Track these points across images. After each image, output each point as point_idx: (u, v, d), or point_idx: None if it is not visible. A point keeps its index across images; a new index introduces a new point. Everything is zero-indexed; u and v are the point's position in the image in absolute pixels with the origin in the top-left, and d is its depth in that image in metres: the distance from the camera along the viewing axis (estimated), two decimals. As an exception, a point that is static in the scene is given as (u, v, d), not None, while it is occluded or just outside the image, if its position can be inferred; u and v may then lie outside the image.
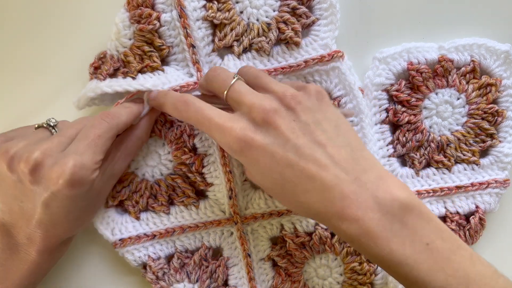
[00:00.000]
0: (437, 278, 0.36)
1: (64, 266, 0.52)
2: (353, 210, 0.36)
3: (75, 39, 0.52)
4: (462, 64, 0.49)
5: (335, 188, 0.37)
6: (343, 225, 0.37)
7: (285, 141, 0.38)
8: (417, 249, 0.37)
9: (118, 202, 0.50)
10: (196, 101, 0.41)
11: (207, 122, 0.40)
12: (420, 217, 0.38)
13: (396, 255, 0.36)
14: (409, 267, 0.36)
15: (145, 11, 0.47)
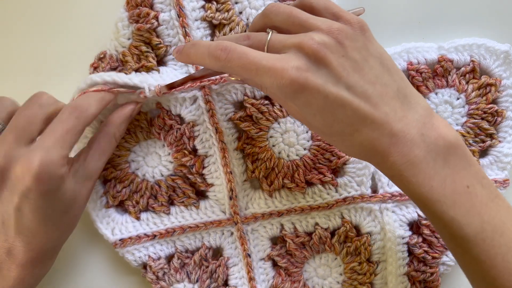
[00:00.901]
0: (472, 222, 0.36)
1: (64, 267, 0.52)
2: (400, 147, 0.36)
3: (76, 39, 0.52)
4: (462, 64, 0.49)
5: (384, 127, 0.36)
6: (387, 162, 0.37)
7: (337, 79, 0.36)
8: (457, 190, 0.37)
9: (119, 202, 0.50)
10: (237, 46, 0.37)
11: (254, 66, 0.36)
12: (463, 158, 0.38)
13: (435, 192, 0.36)
14: (446, 207, 0.36)
15: (143, 10, 0.47)
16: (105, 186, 0.50)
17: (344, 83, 0.36)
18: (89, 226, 0.50)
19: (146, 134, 0.49)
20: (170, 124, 0.49)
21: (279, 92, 0.37)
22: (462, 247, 0.37)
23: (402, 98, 0.38)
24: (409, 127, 0.37)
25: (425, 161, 0.36)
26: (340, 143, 0.39)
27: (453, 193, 0.36)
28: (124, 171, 0.50)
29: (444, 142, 0.37)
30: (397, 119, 0.37)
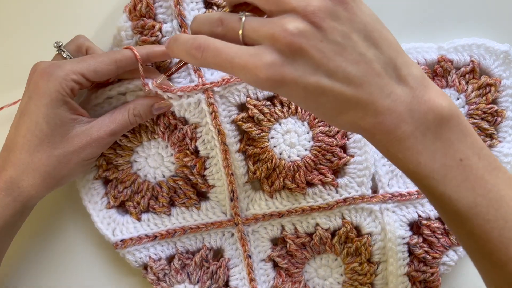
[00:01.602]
0: (464, 197, 0.35)
1: (65, 267, 0.52)
2: (387, 124, 0.35)
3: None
4: (462, 64, 0.49)
5: (369, 107, 0.35)
6: (375, 138, 0.36)
7: (316, 68, 0.34)
8: (448, 163, 0.35)
9: (120, 203, 0.50)
10: (210, 43, 0.36)
11: (229, 64, 0.35)
12: (457, 129, 0.36)
13: (423, 168, 0.35)
14: (435, 182, 0.35)
15: (148, 22, 0.47)
16: (106, 187, 0.50)
17: (324, 70, 0.35)
18: (90, 227, 0.50)
19: (150, 134, 0.49)
20: (175, 123, 0.49)
21: (259, 87, 0.36)
22: (455, 221, 0.36)
23: (391, 71, 0.36)
24: (396, 104, 0.35)
25: (413, 136, 0.35)
26: (330, 123, 0.41)
27: (443, 168, 0.35)
28: (126, 171, 0.50)
29: (434, 115, 0.35)
30: (383, 96, 0.35)
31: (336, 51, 0.35)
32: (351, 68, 0.35)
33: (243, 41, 0.36)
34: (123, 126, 0.47)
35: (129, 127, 0.48)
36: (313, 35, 0.34)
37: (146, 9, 0.47)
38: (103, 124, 0.46)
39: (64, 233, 0.52)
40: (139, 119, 0.48)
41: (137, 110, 0.47)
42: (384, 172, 0.50)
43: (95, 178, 0.50)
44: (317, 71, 0.34)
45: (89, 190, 0.50)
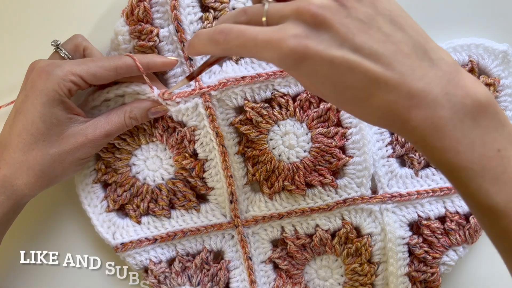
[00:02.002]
0: (503, 190, 0.33)
1: (66, 270, 0.52)
2: (421, 109, 0.33)
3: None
4: (460, 64, 0.49)
5: (401, 88, 0.33)
6: (410, 125, 0.33)
7: (342, 41, 0.33)
8: (487, 154, 0.33)
9: (119, 206, 0.50)
10: (233, 26, 0.36)
11: (252, 43, 0.34)
12: (494, 118, 0.34)
13: (462, 158, 0.33)
14: (474, 173, 0.33)
15: (145, 27, 0.47)
16: (105, 190, 0.50)
17: (350, 45, 0.33)
18: (90, 230, 0.50)
19: (148, 137, 0.49)
20: (173, 126, 0.49)
21: (282, 64, 0.34)
22: (491, 218, 0.33)
23: (421, 54, 0.34)
24: (431, 86, 0.33)
25: (451, 123, 0.33)
26: (357, 111, 0.36)
27: (482, 158, 0.33)
28: (125, 174, 0.50)
29: (472, 101, 0.33)
30: (416, 78, 0.33)
31: (361, 28, 0.33)
32: (377, 45, 0.33)
33: (267, 24, 0.36)
34: (118, 128, 0.47)
35: (124, 129, 0.48)
36: (338, 11, 0.33)
37: (144, 14, 0.47)
38: (99, 125, 0.46)
39: (64, 236, 0.52)
40: (134, 122, 0.48)
41: (134, 113, 0.47)
42: (384, 172, 0.50)
43: (94, 181, 0.50)
44: (343, 45, 0.33)
45: (88, 194, 0.50)
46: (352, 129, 0.49)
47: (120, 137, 0.49)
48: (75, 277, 0.52)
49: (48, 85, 0.43)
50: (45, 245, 0.52)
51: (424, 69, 0.33)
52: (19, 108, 0.44)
